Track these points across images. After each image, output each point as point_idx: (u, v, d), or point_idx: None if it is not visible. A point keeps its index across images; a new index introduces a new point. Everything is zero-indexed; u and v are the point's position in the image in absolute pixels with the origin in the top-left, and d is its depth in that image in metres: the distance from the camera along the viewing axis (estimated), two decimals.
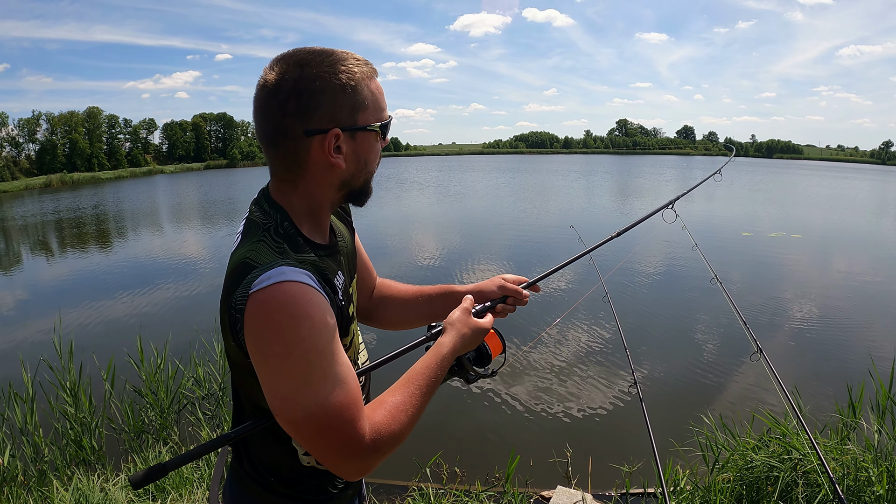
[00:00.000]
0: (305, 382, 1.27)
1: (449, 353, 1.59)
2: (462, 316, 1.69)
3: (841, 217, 28.43)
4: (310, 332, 1.26)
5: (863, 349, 8.75)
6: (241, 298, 1.27)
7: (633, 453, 5.27)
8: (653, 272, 14.41)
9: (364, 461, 1.35)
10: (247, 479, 1.59)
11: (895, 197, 45.56)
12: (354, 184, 1.52)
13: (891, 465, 3.83)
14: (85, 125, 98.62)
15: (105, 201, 41.66)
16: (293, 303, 1.25)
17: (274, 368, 1.27)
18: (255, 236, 1.40)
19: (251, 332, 1.27)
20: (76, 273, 16.30)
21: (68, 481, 4.75)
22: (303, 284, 1.28)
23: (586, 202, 34.78)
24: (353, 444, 1.32)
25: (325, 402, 1.28)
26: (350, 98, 1.41)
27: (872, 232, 23.40)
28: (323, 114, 1.39)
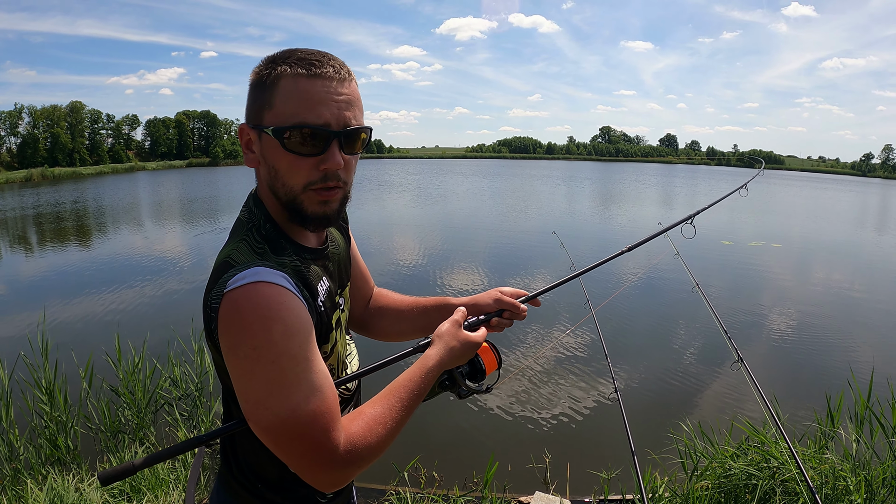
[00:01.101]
0: (277, 388, 1.22)
1: (434, 365, 1.54)
2: (451, 328, 1.63)
3: (821, 227, 28.66)
4: (282, 336, 1.22)
5: (841, 359, 8.83)
6: (216, 297, 1.25)
7: (612, 460, 5.27)
8: (635, 279, 14.45)
9: (337, 472, 1.30)
10: (234, 483, 1.54)
11: (875, 208, 46.02)
12: (277, 195, 1.42)
13: (869, 475, 3.86)
14: (67, 119, 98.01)
15: (85, 197, 41.28)
16: (265, 305, 1.22)
17: (244, 371, 1.23)
18: (239, 235, 1.40)
19: (223, 331, 1.24)
20: (55, 269, 16.13)
21: (43, 481, 4.69)
22: (277, 286, 1.25)
23: (568, 208, 34.88)
24: (326, 455, 1.27)
25: (296, 409, 1.23)
26: (261, 95, 1.36)
27: (852, 242, 23.62)
28: (247, 106, 1.40)
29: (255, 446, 1.38)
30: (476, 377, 1.73)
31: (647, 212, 33.36)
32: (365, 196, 39.91)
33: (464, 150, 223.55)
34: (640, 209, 35.24)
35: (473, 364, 1.72)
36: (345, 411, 1.64)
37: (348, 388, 1.70)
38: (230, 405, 1.46)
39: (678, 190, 57.23)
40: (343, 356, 1.69)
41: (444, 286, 13.20)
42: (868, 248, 22.40)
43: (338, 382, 1.48)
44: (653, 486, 4.51)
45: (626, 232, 23.79)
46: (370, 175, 69.94)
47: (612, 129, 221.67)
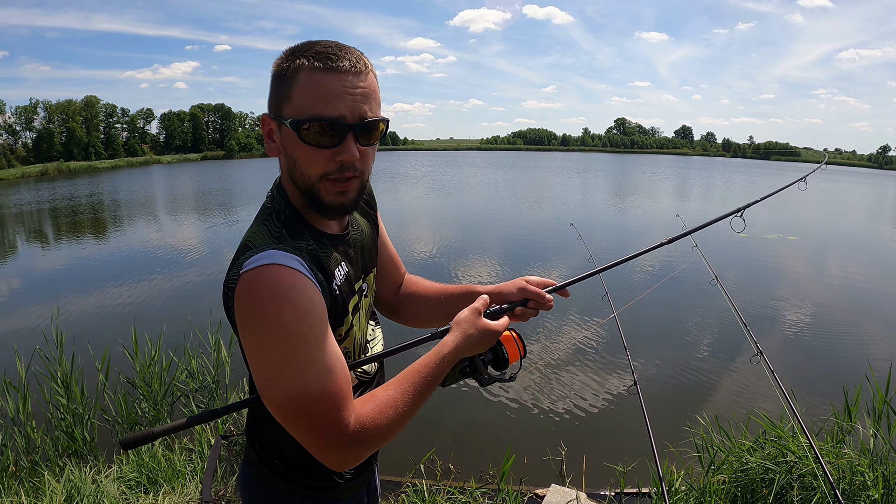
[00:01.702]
0: (286, 367, 1.27)
1: (450, 352, 1.54)
2: (470, 316, 1.62)
3: (837, 220, 28.47)
4: (292, 317, 1.26)
5: (859, 352, 8.77)
6: (233, 277, 1.31)
7: (628, 453, 5.25)
8: (652, 272, 14.40)
9: (345, 452, 1.34)
10: (256, 460, 1.63)
11: (892, 201, 45.65)
12: (296, 183, 1.46)
13: (887, 470, 3.83)
14: (82, 114, 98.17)
15: (101, 190, 41.54)
16: (277, 286, 1.26)
17: (256, 349, 1.29)
18: (261, 220, 1.46)
19: (238, 311, 1.29)
20: (71, 262, 16.25)
21: (60, 473, 4.72)
22: (289, 269, 1.29)
23: (584, 200, 34.78)
24: (335, 434, 1.30)
25: (306, 388, 1.27)
26: (279, 87, 1.40)
27: (869, 235, 23.45)
28: (269, 97, 1.44)
29: (272, 423, 1.41)
30: (499, 366, 1.71)
31: (664, 204, 33.20)
32: (379, 188, 39.80)
33: (478, 142, 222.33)
34: (657, 201, 35.08)
35: (496, 352, 1.71)
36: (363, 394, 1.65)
37: (366, 372, 1.74)
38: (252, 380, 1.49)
39: (694, 182, 56.94)
40: (362, 341, 1.72)
41: (460, 277, 13.19)
42: (885, 240, 22.25)
43: (353, 364, 1.57)
44: (669, 480, 4.49)
45: (643, 224, 23.74)
46: (385, 167, 70.00)
47: (626, 121, 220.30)
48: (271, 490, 1.64)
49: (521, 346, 1.75)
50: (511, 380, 1.73)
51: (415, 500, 4.49)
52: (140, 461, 4.79)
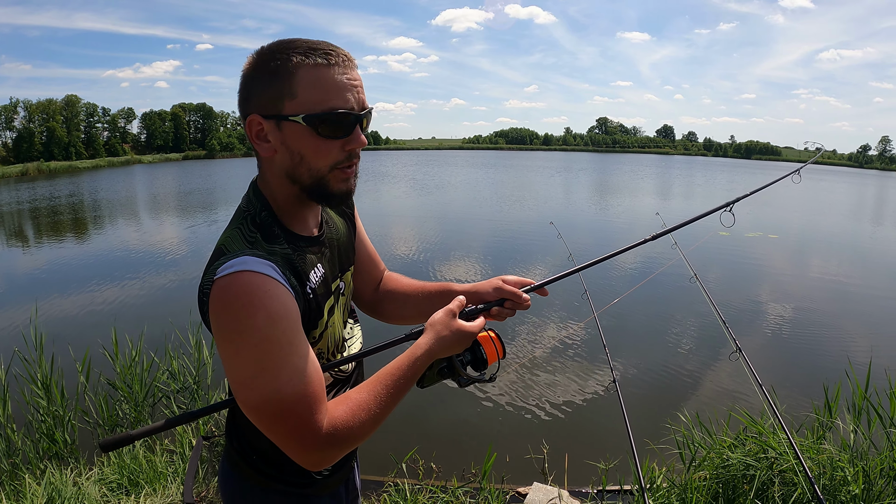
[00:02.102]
0: (261, 371, 1.29)
1: (423, 354, 1.56)
2: (444, 317, 1.64)
3: (818, 218, 28.68)
4: (265, 322, 1.28)
5: (839, 349, 8.84)
6: (207, 283, 1.34)
7: (610, 450, 5.27)
8: (633, 269, 14.47)
9: (319, 453, 1.37)
10: (235, 457, 1.67)
11: (872, 200, 46.07)
12: (300, 180, 1.48)
13: (867, 465, 3.86)
14: (63, 113, 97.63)
15: (81, 191, 41.24)
16: (250, 292, 1.29)
17: (231, 354, 1.31)
18: (235, 224, 1.47)
19: (213, 316, 1.32)
20: (51, 263, 16.08)
21: (41, 475, 4.69)
22: (262, 275, 1.31)
23: (564, 199, 34.89)
24: (308, 436, 1.33)
25: (280, 391, 1.30)
26: (277, 85, 1.39)
27: (848, 233, 23.64)
28: (251, 99, 1.42)
29: (250, 422, 1.41)
30: (477, 366, 1.72)
31: (644, 202, 33.38)
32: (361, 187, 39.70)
33: (460, 142, 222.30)
34: (637, 200, 35.24)
35: (474, 353, 1.71)
36: (340, 391, 1.73)
37: (342, 371, 1.76)
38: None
39: (674, 181, 57.19)
40: (338, 340, 1.74)
41: (442, 276, 13.19)
42: (865, 239, 22.44)
43: (329, 365, 1.61)
44: (651, 477, 4.51)
45: (624, 222, 23.85)
46: (367, 167, 69.95)
47: (608, 120, 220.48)
48: (250, 485, 1.67)
49: (499, 346, 1.75)
50: (490, 380, 1.73)
51: (396, 500, 4.49)
52: (121, 463, 4.77)
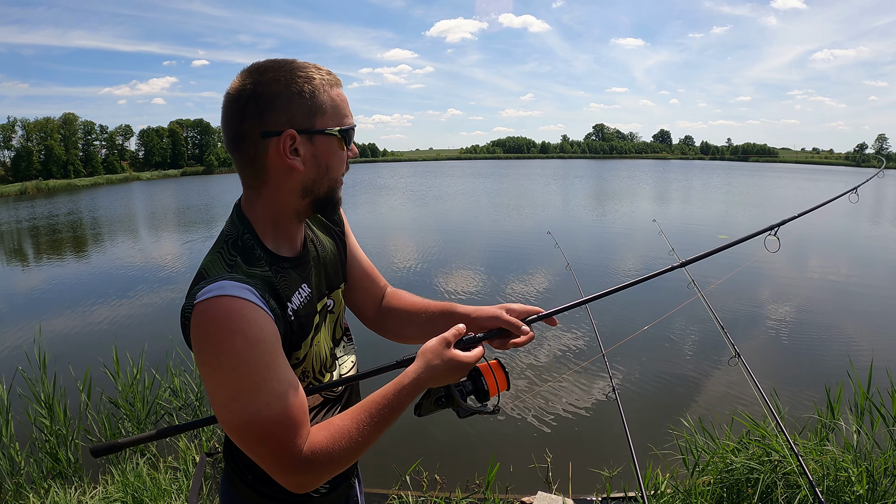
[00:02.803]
0: (238, 394, 1.31)
1: (410, 383, 1.53)
2: (436, 346, 1.59)
3: (816, 219, 28.63)
4: (242, 346, 1.29)
5: (841, 350, 8.83)
6: (188, 307, 1.35)
7: (614, 458, 5.28)
8: (630, 277, 14.43)
9: (298, 477, 1.38)
10: (233, 476, 1.69)
11: (870, 200, 46.06)
12: (318, 190, 1.54)
13: (870, 465, 3.86)
14: (61, 132, 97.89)
15: (80, 209, 41.24)
16: (227, 317, 1.30)
17: (210, 376, 1.32)
18: (217, 247, 1.49)
19: (193, 339, 1.34)
20: (51, 282, 16.08)
21: (45, 495, 4.70)
22: (240, 300, 1.32)
23: (562, 207, 34.92)
24: (287, 459, 1.35)
25: (258, 414, 1.31)
26: (307, 102, 1.44)
27: (848, 233, 23.63)
28: (278, 116, 1.43)
29: None
30: (479, 397, 1.67)
31: (641, 208, 33.40)
32: (359, 199, 40.14)
33: (458, 152, 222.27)
34: (634, 206, 35.26)
35: (475, 382, 1.66)
36: (332, 412, 1.75)
37: (333, 391, 1.76)
38: None
39: (672, 185, 57.24)
40: (325, 359, 1.73)
41: (442, 289, 13.19)
42: (864, 238, 22.45)
43: (317, 388, 1.65)
44: (655, 483, 4.51)
45: (620, 230, 23.87)
46: (365, 179, 70.14)
47: (605, 127, 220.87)
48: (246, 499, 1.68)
49: (501, 377, 1.68)
50: (493, 412, 1.66)
51: None
52: (125, 481, 4.76)
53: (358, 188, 54.78)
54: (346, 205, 1.56)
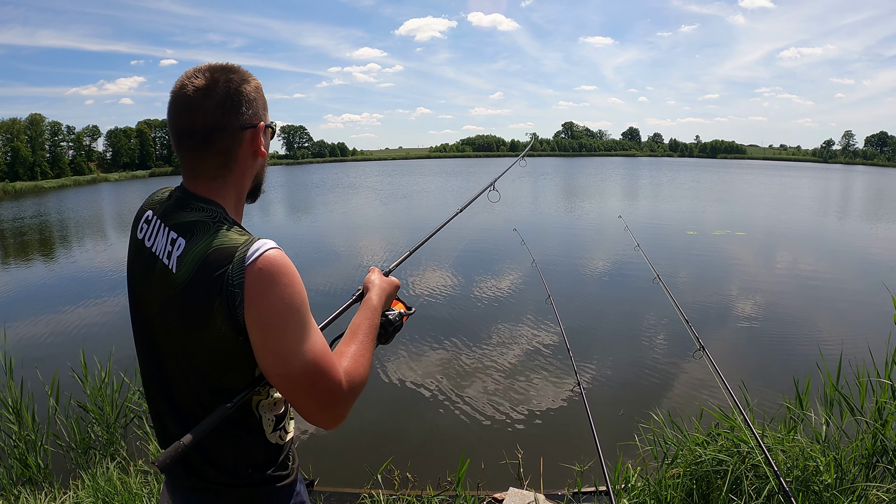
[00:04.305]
0: (303, 334, 1.47)
1: (377, 304, 1.88)
2: (378, 276, 2.02)
3: (784, 214, 29.08)
4: (300, 288, 1.49)
5: (810, 342, 8.98)
6: (237, 275, 1.43)
7: (585, 453, 5.30)
8: (597, 273, 14.61)
9: (345, 405, 1.55)
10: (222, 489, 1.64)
11: (837, 194, 46.71)
12: (261, 176, 1.80)
13: (839, 454, 3.92)
14: (27, 133, 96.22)
15: (47, 210, 40.68)
16: (285, 264, 1.46)
17: (279, 327, 1.44)
18: (210, 229, 1.54)
19: (256, 299, 1.43)
20: (17, 285, 15.89)
21: (15, 501, 4.65)
22: (281, 250, 1.50)
23: (530, 205, 35.08)
24: (337, 390, 1.51)
25: (314, 349, 1.48)
26: (262, 100, 1.70)
27: (815, 228, 23.99)
28: (251, 111, 1.65)
29: (235, 437, 1.60)
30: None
31: (608, 205, 33.65)
32: (328, 198, 40.18)
33: (427, 151, 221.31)
34: (601, 203, 35.53)
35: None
36: None
37: None
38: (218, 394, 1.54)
39: (641, 182, 57.71)
40: None
41: (408, 286, 13.19)
42: (831, 232, 22.79)
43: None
44: (625, 476, 4.55)
45: (587, 226, 24.05)
46: (334, 178, 70.03)
47: (574, 125, 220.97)
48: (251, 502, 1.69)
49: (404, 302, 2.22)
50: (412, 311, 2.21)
51: None
52: (96, 486, 4.72)
53: (328, 187, 54.69)
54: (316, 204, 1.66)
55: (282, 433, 1.72)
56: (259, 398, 1.62)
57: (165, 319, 1.56)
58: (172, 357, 1.58)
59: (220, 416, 1.49)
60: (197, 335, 1.48)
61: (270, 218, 29.60)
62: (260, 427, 1.64)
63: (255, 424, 1.63)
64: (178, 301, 1.51)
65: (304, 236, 22.70)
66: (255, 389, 1.56)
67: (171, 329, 1.55)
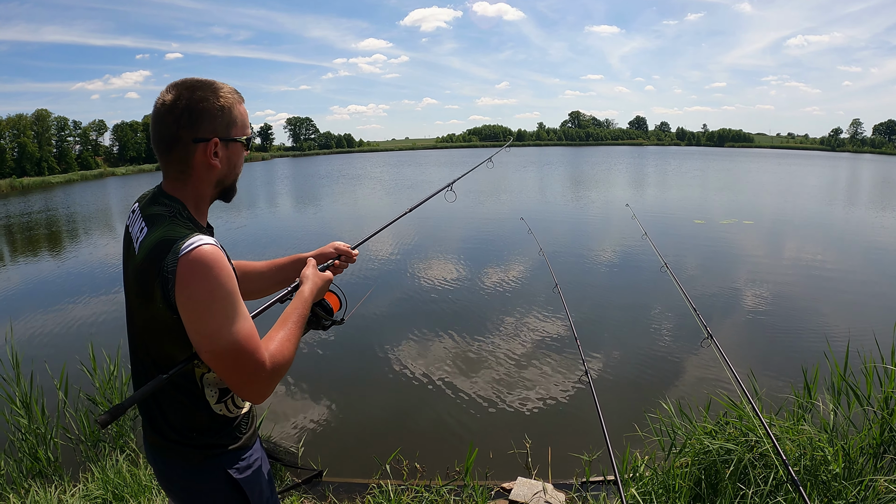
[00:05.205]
0: (225, 318, 1.72)
1: (309, 296, 2.11)
2: (312, 271, 2.23)
3: (792, 203, 28.94)
4: (226, 280, 1.73)
5: (817, 331, 8.94)
6: (171, 262, 1.69)
7: (593, 442, 5.32)
8: (604, 262, 14.60)
9: (266, 383, 1.80)
10: (171, 445, 1.96)
11: (844, 183, 46.50)
12: (226, 182, 2.02)
13: (846, 444, 3.91)
14: (34, 128, 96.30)
15: (55, 205, 40.78)
16: (213, 259, 1.71)
17: (203, 311, 1.70)
18: (165, 222, 1.82)
19: (184, 285, 1.68)
20: (26, 280, 15.99)
21: (25, 494, 4.66)
22: (216, 247, 1.75)
23: (537, 194, 35.04)
24: (260, 368, 1.76)
25: (238, 332, 1.72)
26: (226, 117, 1.91)
27: (823, 217, 23.87)
28: (206, 126, 1.88)
29: (182, 404, 1.91)
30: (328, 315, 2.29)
31: (615, 194, 33.53)
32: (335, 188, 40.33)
33: (434, 141, 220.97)
34: (608, 192, 35.41)
35: (322, 305, 2.28)
36: None
37: None
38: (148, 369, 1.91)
39: (648, 171, 57.49)
40: None
41: (417, 276, 13.19)
42: (839, 221, 22.68)
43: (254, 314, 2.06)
44: (633, 466, 4.55)
45: (593, 215, 23.98)
46: (341, 169, 70.06)
47: (581, 114, 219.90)
48: (191, 462, 1.97)
49: (339, 297, 2.38)
50: (342, 322, 2.37)
51: (381, 501, 4.50)
52: (105, 478, 4.74)
53: (333, 178, 54.71)
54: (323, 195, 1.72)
55: (230, 406, 1.99)
56: (202, 371, 1.90)
57: (129, 295, 1.91)
58: (133, 328, 1.94)
59: (156, 386, 1.78)
60: (143, 309, 1.80)
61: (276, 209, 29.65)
62: (203, 397, 1.92)
63: (199, 394, 1.91)
64: (135, 279, 1.82)
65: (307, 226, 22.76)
66: (197, 363, 1.84)
67: (131, 303, 1.90)
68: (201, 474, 1.98)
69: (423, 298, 11.37)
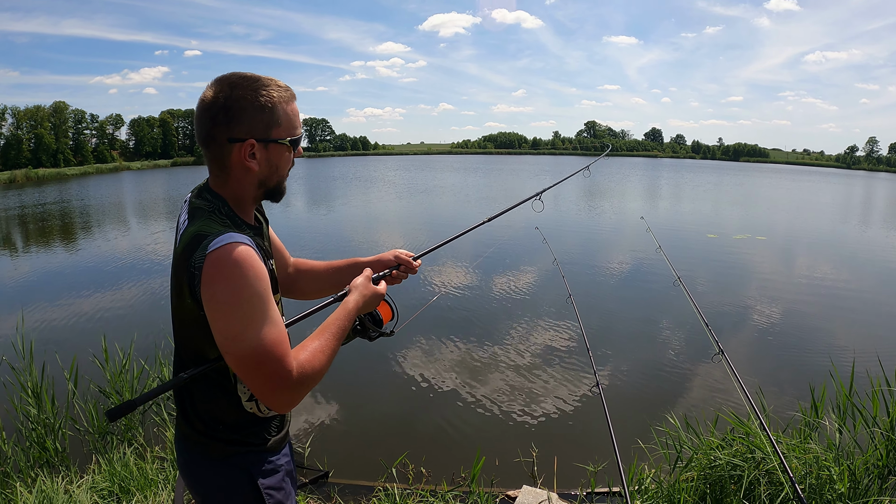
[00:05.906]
0: (250, 321, 1.65)
1: (353, 308, 2.01)
2: (363, 281, 2.14)
3: (805, 220, 28.85)
4: (254, 280, 1.66)
5: (827, 350, 8.91)
6: (199, 259, 1.66)
7: (599, 453, 5.31)
8: (618, 274, 14.56)
9: (292, 393, 1.72)
10: (198, 437, 1.93)
11: (859, 201, 46.29)
12: (269, 184, 1.94)
13: (852, 464, 3.91)
14: (51, 120, 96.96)
15: (70, 197, 40.93)
16: (241, 258, 1.65)
17: (226, 311, 1.65)
18: (204, 216, 1.80)
19: (208, 283, 1.64)
20: (39, 271, 16.03)
21: (32, 483, 4.68)
22: (246, 245, 1.68)
23: (552, 203, 34.99)
24: (285, 375, 1.68)
25: (264, 337, 1.66)
26: (267, 116, 1.82)
27: (836, 234, 23.76)
28: (242, 126, 1.80)
29: (213, 395, 1.89)
30: (377, 325, 2.21)
31: (630, 206, 33.52)
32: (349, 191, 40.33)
33: (449, 146, 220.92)
34: (622, 203, 35.38)
35: (373, 315, 2.20)
36: None
37: None
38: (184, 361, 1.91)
39: (662, 183, 57.43)
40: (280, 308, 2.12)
41: (430, 282, 13.21)
42: (852, 240, 22.56)
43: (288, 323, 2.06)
44: (639, 479, 4.55)
45: (608, 226, 23.94)
46: (356, 172, 70.13)
47: (597, 124, 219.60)
48: (213, 456, 1.94)
49: (392, 308, 2.29)
50: (391, 334, 2.29)
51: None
52: (112, 470, 4.77)
53: (348, 181, 54.80)
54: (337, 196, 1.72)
55: (261, 405, 1.95)
56: None
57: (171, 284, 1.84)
58: (174, 321, 1.89)
59: (176, 384, 1.82)
60: (177, 302, 1.79)
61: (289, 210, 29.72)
62: (235, 392, 1.90)
63: (231, 389, 1.89)
64: (173, 271, 1.80)
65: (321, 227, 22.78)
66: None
67: (171, 295, 1.84)
68: (222, 469, 1.94)
69: (436, 304, 11.35)
